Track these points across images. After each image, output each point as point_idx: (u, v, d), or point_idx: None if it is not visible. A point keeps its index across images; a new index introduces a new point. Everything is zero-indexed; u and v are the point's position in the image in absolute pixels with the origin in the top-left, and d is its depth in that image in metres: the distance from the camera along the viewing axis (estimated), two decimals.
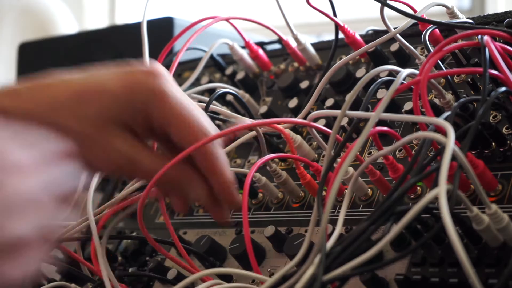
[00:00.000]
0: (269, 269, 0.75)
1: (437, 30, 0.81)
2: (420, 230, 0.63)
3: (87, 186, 0.77)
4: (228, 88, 0.92)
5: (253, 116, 0.89)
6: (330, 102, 0.86)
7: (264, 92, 0.97)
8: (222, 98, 0.94)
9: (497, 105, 0.67)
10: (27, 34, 1.88)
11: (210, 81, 1.03)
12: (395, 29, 0.79)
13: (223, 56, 1.03)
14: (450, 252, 0.62)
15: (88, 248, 0.86)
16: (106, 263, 0.71)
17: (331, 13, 0.85)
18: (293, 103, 0.90)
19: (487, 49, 0.64)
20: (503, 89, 0.64)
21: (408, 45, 0.81)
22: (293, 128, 0.83)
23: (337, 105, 0.85)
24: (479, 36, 0.66)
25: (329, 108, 0.85)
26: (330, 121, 0.84)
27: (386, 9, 0.77)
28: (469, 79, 0.75)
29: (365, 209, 0.73)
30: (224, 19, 0.90)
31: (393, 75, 0.76)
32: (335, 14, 0.86)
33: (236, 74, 0.99)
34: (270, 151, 0.82)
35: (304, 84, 0.92)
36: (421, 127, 0.64)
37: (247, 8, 3.59)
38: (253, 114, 0.91)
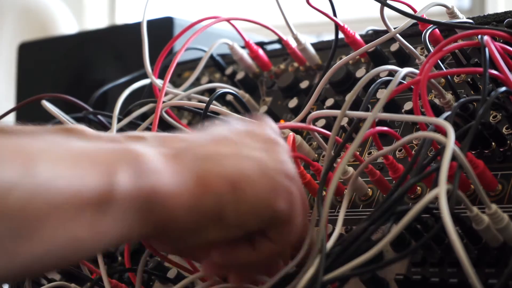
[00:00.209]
0: None
1: (437, 30, 0.81)
2: (420, 230, 0.63)
3: None
4: (228, 88, 0.92)
5: None
6: (330, 102, 0.86)
7: (264, 92, 0.97)
8: (222, 98, 0.94)
9: (497, 105, 0.67)
10: (27, 34, 1.88)
11: (210, 81, 1.03)
12: (395, 29, 0.79)
13: (223, 56, 1.03)
14: (450, 252, 0.62)
15: None
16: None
17: (331, 13, 0.85)
18: (293, 103, 0.90)
19: (487, 49, 0.64)
20: (503, 89, 0.64)
21: (408, 45, 0.80)
22: (293, 129, 0.83)
23: (337, 105, 0.85)
24: (479, 36, 0.66)
25: (329, 108, 0.85)
26: (330, 121, 0.84)
27: (386, 9, 0.77)
28: (469, 79, 0.75)
29: (365, 209, 0.73)
30: (225, 19, 0.90)
31: (393, 75, 0.76)
32: (335, 14, 0.86)
33: (236, 74, 0.99)
34: None
35: (304, 84, 0.92)
36: (421, 127, 0.64)
37: (247, 8, 3.59)
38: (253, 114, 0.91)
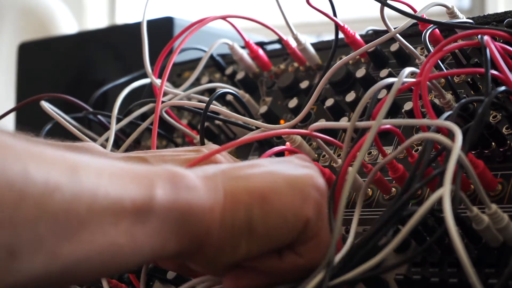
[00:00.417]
0: None
1: (437, 30, 0.81)
2: (420, 230, 0.63)
3: None
4: (228, 88, 0.92)
5: (253, 116, 0.89)
6: (330, 102, 0.86)
7: (264, 92, 0.97)
8: (222, 98, 0.94)
9: (497, 105, 0.67)
10: (27, 34, 1.88)
11: (210, 81, 1.03)
12: (395, 29, 0.79)
13: (223, 56, 1.03)
14: (450, 252, 0.62)
15: None
16: None
17: (331, 13, 0.85)
18: (293, 103, 0.90)
19: (487, 49, 0.64)
20: (503, 88, 0.63)
21: (408, 45, 0.80)
22: (293, 128, 0.83)
23: (337, 105, 0.85)
24: (479, 36, 0.66)
25: (329, 108, 0.85)
26: (330, 121, 0.84)
27: (386, 9, 0.77)
28: (469, 79, 0.75)
29: (365, 209, 0.73)
30: (222, 17, 0.90)
31: (393, 75, 0.76)
32: (335, 14, 0.86)
33: (236, 74, 0.99)
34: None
35: (304, 84, 0.92)
36: (422, 128, 0.64)
37: (247, 8, 3.59)
38: (253, 114, 0.91)
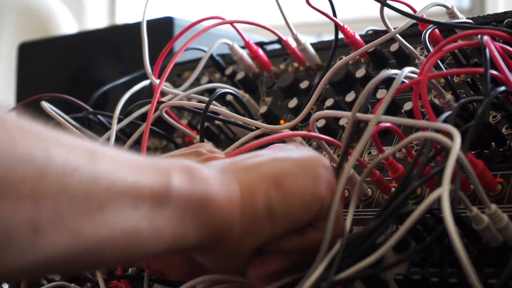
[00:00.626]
0: None
1: (437, 30, 0.81)
2: (420, 229, 0.63)
3: None
4: (228, 88, 0.92)
5: (253, 117, 0.89)
6: (330, 102, 0.86)
7: (264, 92, 0.97)
8: (222, 98, 0.94)
9: (497, 105, 0.67)
10: (27, 34, 1.88)
11: (210, 81, 1.03)
12: (395, 29, 0.79)
13: (223, 56, 1.03)
14: (450, 252, 0.62)
15: None
16: None
17: (331, 13, 0.85)
18: (293, 103, 0.90)
19: (487, 49, 0.64)
20: (502, 88, 0.63)
21: (408, 45, 0.81)
22: (293, 129, 0.83)
23: (337, 105, 0.85)
24: (479, 36, 0.66)
25: (329, 108, 0.85)
26: (330, 121, 0.84)
27: (386, 9, 0.77)
28: (468, 79, 0.75)
29: (365, 209, 0.73)
30: (228, 22, 0.90)
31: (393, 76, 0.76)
32: (335, 14, 0.86)
33: (236, 74, 0.99)
34: None
35: (304, 84, 0.92)
36: (421, 128, 0.64)
37: (247, 7, 3.59)
38: (253, 114, 0.91)
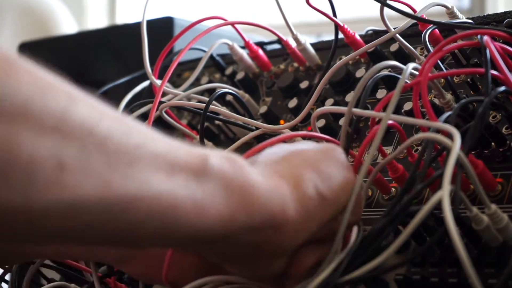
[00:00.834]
0: None
1: (437, 30, 0.81)
2: (420, 230, 0.63)
3: None
4: (228, 88, 0.92)
5: (253, 117, 0.89)
6: (330, 102, 0.86)
7: (264, 92, 0.97)
8: (222, 98, 0.94)
9: (497, 105, 0.67)
10: (27, 34, 1.88)
11: (210, 81, 1.03)
12: (395, 29, 0.79)
13: (223, 56, 1.03)
14: (450, 252, 0.62)
15: None
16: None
17: (331, 13, 0.85)
18: (293, 103, 0.90)
19: (487, 49, 0.64)
20: (502, 88, 0.64)
21: (408, 45, 0.80)
22: (293, 129, 0.83)
23: (337, 105, 0.85)
24: (479, 36, 0.66)
25: None
26: (330, 121, 0.84)
27: (386, 9, 0.77)
28: (468, 79, 0.75)
29: (365, 209, 0.73)
30: (229, 23, 0.90)
31: (393, 76, 0.76)
32: (334, 14, 0.86)
33: (236, 74, 0.99)
34: None
35: (304, 84, 0.92)
36: (422, 128, 0.64)
37: (247, 7, 3.59)
38: (253, 114, 0.91)
